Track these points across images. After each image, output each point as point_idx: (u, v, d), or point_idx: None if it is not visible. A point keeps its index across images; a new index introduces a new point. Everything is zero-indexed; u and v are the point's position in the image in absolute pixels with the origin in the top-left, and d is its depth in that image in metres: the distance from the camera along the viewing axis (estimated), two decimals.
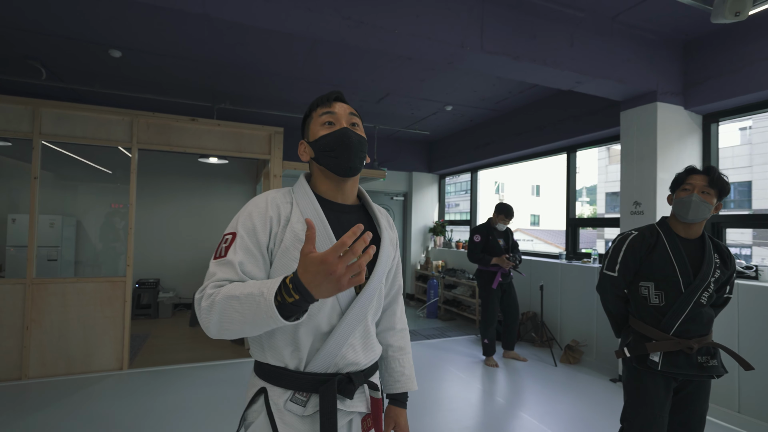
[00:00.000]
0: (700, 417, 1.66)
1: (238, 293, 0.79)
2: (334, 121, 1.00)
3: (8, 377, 3.21)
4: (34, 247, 3.31)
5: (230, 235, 0.91)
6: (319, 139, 0.99)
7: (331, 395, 0.90)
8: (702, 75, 3.17)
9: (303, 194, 0.99)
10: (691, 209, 1.61)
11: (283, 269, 0.91)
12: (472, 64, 2.86)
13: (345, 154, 0.97)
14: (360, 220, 1.04)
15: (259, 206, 0.95)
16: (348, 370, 0.95)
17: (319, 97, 1.03)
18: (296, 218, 0.95)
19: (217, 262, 0.89)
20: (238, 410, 2.81)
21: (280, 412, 0.90)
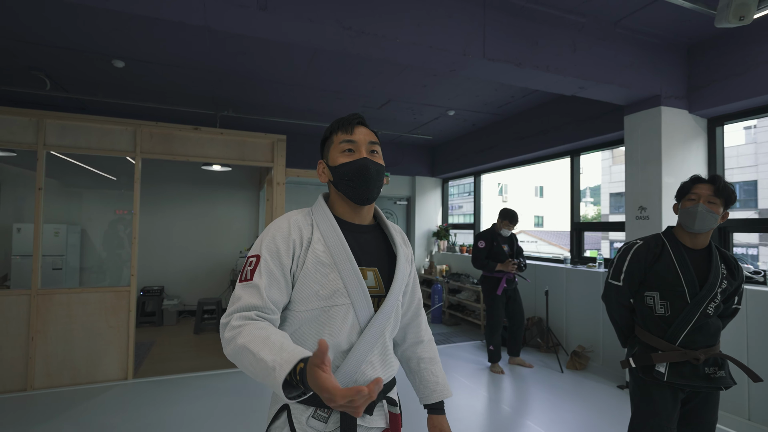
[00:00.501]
0: (709, 428, 1.64)
1: (255, 350, 0.79)
2: (354, 149, 1.02)
3: (14, 388, 3.22)
4: (39, 258, 3.32)
5: (254, 257, 0.94)
6: (339, 166, 1.01)
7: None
8: (706, 78, 3.15)
9: (323, 216, 1.01)
10: (697, 219, 1.59)
11: (305, 291, 0.95)
12: (474, 71, 2.85)
13: (363, 186, 1.00)
14: (376, 239, 1.07)
15: (282, 229, 0.97)
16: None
17: (339, 120, 1.05)
18: (317, 241, 0.97)
19: (243, 285, 0.92)
20: (242, 420, 2.80)
21: (303, 428, 0.93)
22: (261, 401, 3.13)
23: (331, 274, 0.95)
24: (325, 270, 0.95)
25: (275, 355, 0.77)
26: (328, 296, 0.94)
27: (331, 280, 0.94)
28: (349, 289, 0.95)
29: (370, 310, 0.97)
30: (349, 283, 0.95)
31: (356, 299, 0.95)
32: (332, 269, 0.95)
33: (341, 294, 0.95)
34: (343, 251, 0.96)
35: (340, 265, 0.95)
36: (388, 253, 1.06)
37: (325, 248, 0.96)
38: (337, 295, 0.94)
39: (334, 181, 1.03)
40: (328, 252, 0.96)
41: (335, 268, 0.95)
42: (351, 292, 0.95)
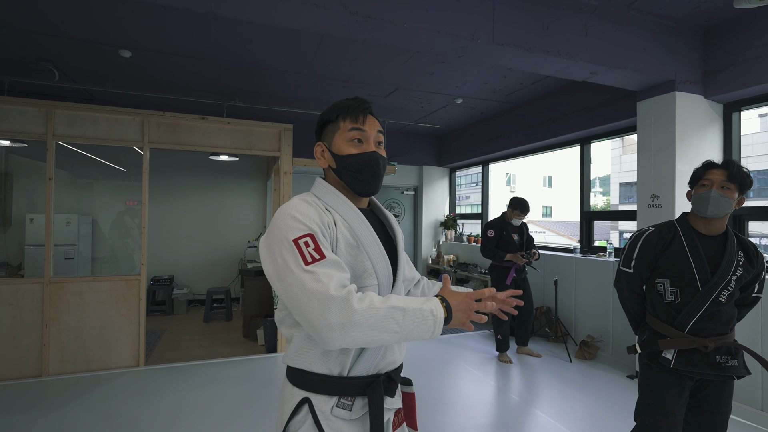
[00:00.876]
0: (722, 419, 1.61)
1: (402, 305, 0.84)
2: (363, 140, 0.99)
3: (29, 374, 3.29)
4: (51, 247, 3.36)
5: (308, 236, 0.85)
6: (346, 156, 0.98)
7: (379, 396, 0.93)
8: (723, 62, 3.06)
9: (338, 200, 0.99)
10: (710, 205, 1.55)
11: None
12: (483, 56, 2.79)
13: (370, 180, 0.99)
14: (374, 222, 1.06)
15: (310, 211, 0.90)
16: (387, 369, 0.98)
17: (348, 105, 0.99)
18: (341, 223, 0.96)
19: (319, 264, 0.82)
20: (251, 406, 2.84)
21: (328, 419, 0.91)
22: (269, 388, 3.16)
23: (360, 255, 0.95)
24: (354, 251, 0.94)
25: (421, 303, 0.86)
26: (358, 276, 0.94)
27: (360, 261, 0.94)
28: (377, 269, 0.95)
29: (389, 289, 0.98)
30: (377, 264, 0.95)
31: (383, 280, 0.96)
32: (360, 251, 0.95)
33: (370, 275, 0.95)
34: (369, 233, 0.96)
35: (367, 246, 0.95)
36: (385, 236, 1.07)
37: (350, 230, 0.96)
38: (366, 275, 0.95)
39: (336, 170, 1.00)
40: (354, 234, 0.95)
41: (362, 250, 0.95)
42: (379, 273, 0.96)
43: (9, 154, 5.16)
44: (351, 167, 0.98)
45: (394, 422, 1.02)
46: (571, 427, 2.61)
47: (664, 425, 1.57)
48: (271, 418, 2.68)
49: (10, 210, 5.16)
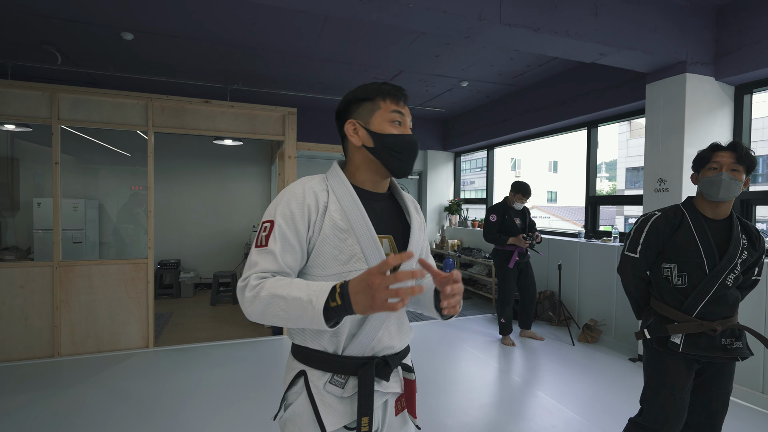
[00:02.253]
0: (723, 399, 1.63)
1: (284, 294, 0.82)
2: (403, 123, 1.02)
3: (42, 355, 3.37)
4: (59, 230, 3.40)
5: (268, 223, 0.93)
6: (388, 136, 0.99)
7: (370, 378, 0.93)
8: (736, 43, 2.98)
9: (338, 182, 0.99)
10: (722, 188, 1.53)
11: (324, 256, 0.94)
12: (489, 37, 2.74)
13: (408, 161, 1.01)
14: (390, 207, 1.06)
15: (297, 194, 0.95)
16: (384, 353, 0.98)
17: (387, 86, 1.01)
18: (334, 206, 0.96)
19: (259, 251, 0.91)
20: (257, 387, 2.90)
21: (320, 393, 0.94)
22: (275, 370, 3.22)
23: (349, 239, 0.94)
24: (343, 235, 0.94)
25: (307, 290, 0.81)
26: (345, 261, 0.94)
27: (349, 245, 0.94)
28: (366, 254, 0.94)
29: None
30: (366, 248, 0.94)
31: (374, 263, 0.95)
32: (349, 234, 0.94)
33: (358, 259, 0.94)
34: (360, 217, 0.95)
35: (357, 230, 0.94)
36: (402, 221, 1.06)
37: (342, 213, 0.95)
38: (354, 260, 0.94)
39: (374, 149, 0.99)
40: (345, 217, 0.95)
41: (352, 234, 0.94)
42: (368, 257, 0.94)
43: (15, 139, 5.18)
44: (392, 146, 0.99)
45: (396, 407, 1.03)
46: (572, 408, 2.65)
47: (673, 409, 1.58)
48: (277, 398, 2.74)
49: (17, 194, 5.21)
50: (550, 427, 2.43)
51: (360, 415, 0.91)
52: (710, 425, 1.63)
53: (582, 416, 2.56)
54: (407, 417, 1.05)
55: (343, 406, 0.94)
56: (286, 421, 0.98)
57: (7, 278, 3.29)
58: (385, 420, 1.01)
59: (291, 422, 0.96)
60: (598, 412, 2.61)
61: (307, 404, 0.94)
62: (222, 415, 2.51)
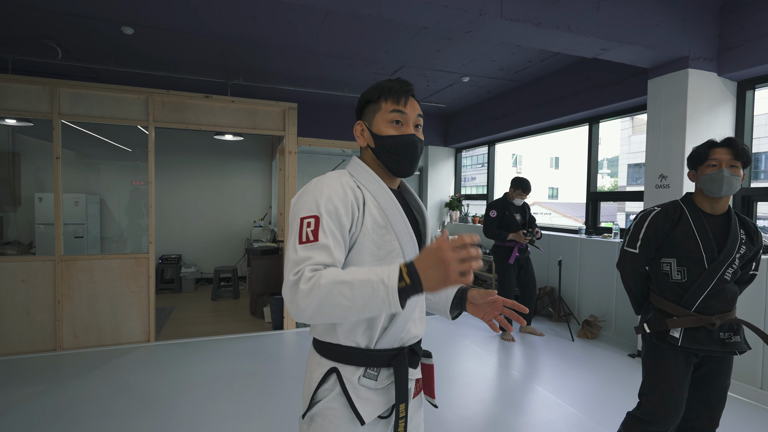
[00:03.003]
0: (721, 393, 1.64)
1: (349, 279, 0.79)
2: (403, 122, 1.01)
3: (45, 348, 3.40)
4: (61, 225, 3.42)
5: (312, 218, 0.89)
6: (385, 137, 1.00)
7: (404, 368, 0.97)
8: (739, 38, 2.96)
9: (370, 179, 1.01)
10: (724, 185, 1.55)
11: (363, 252, 0.94)
12: (491, 32, 2.73)
13: (407, 161, 1.01)
14: (402, 203, 1.08)
15: (337, 190, 0.93)
16: (410, 343, 1.02)
17: (390, 86, 1.00)
18: (371, 202, 0.97)
19: (308, 246, 0.86)
20: (258, 380, 2.92)
21: (355, 387, 0.96)
22: (276, 364, 3.24)
23: (387, 235, 0.96)
24: (381, 231, 0.96)
25: (374, 272, 0.79)
26: (383, 256, 0.96)
27: (387, 240, 0.96)
28: (404, 249, 0.97)
29: None
30: (404, 243, 0.97)
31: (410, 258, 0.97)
32: (387, 230, 0.97)
33: (397, 254, 0.97)
34: (398, 212, 0.98)
35: (395, 226, 0.97)
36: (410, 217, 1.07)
37: (380, 209, 0.97)
38: (392, 255, 0.96)
39: (375, 149, 1.02)
40: (383, 213, 0.97)
41: (390, 229, 0.97)
42: (406, 252, 0.97)
43: (16, 134, 5.18)
44: (390, 148, 1.00)
45: (415, 390, 1.07)
46: (571, 403, 2.67)
47: (671, 403, 1.59)
48: (279, 391, 2.76)
49: (18, 189, 5.22)
50: (549, 422, 2.45)
51: (398, 402, 0.95)
52: (708, 419, 1.65)
53: (580, 411, 2.57)
54: (423, 399, 1.12)
55: (377, 397, 0.97)
56: (314, 416, 0.97)
57: (9, 272, 3.30)
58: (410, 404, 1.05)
59: (321, 416, 0.96)
60: (597, 407, 2.62)
61: (341, 399, 0.95)
62: (223, 408, 2.53)
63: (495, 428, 2.38)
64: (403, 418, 0.95)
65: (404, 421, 0.95)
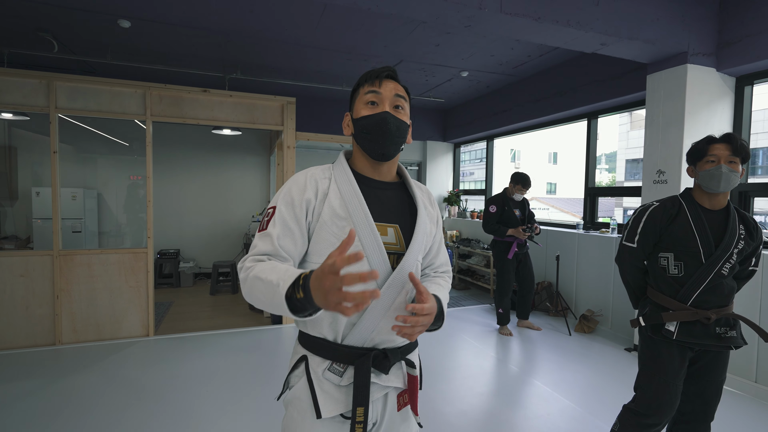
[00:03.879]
0: (717, 387, 1.66)
1: (263, 276, 0.84)
2: (378, 101, 0.99)
3: (44, 343, 3.40)
4: (59, 219, 3.41)
5: (271, 209, 0.97)
6: (360, 118, 1.00)
7: (366, 369, 0.92)
8: (739, 33, 2.96)
9: (341, 171, 1.00)
10: (722, 180, 1.55)
11: (322, 243, 0.95)
12: (490, 26, 2.72)
13: (380, 140, 0.98)
14: (400, 196, 1.05)
15: (299, 182, 0.98)
16: (384, 346, 0.97)
17: (369, 72, 1.02)
18: (334, 194, 0.97)
19: (260, 235, 0.95)
20: (256, 375, 2.93)
21: (319, 379, 0.95)
22: (274, 358, 3.26)
23: (348, 227, 0.94)
24: (341, 223, 0.95)
25: (282, 275, 0.81)
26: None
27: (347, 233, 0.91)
28: (363, 243, 0.93)
29: (387, 266, 0.95)
30: (364, 236, 0.94)
31: (371, 253, 0.94)
32: (348, 222, 0.95)
33: (356, 248, 0.93)
34: (358, 204, 0.95)
35: (355, 218, 0.94)
36: (412, 212, 1.05)
37: (342, 201, 0.96)
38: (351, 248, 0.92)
39: (354, 135, 1.03)
40: (344, 205, 0.95)
41: (351, 221, 0.94)
42: (366, 246, 0.93)
43: (12, 128, 5.15)
44: (363, 128, 0.99)
45: (399, 402, 1.02)
46: (568, 397, 2.69)
47: (666, 395, 1.61)
48: (277, 385, 2.77)
49: (16, 184, 5.19)
50: (546, 415, 2.47)
51: (355, 405, 0.90)
52: (703, 413, 1.66)
53: (577, 404, 2.60)
54: (410, 413, 1.04)
55: (340, 394, 0.95)
56: (287, 404, 1.00)
57: (7, 267, 3.30)
58: (385, 414, 1.00)
59: (291, 405, 0.99)
60: (594, 401, 2.65)
61: (306, 389, 0.95)
62: (222, 403, 2.54)
63: (492, 421, 2.40)
64: (361, 423, 0.90)
65: (362, 427, 0.90)
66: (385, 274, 0.95)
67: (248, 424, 2.32)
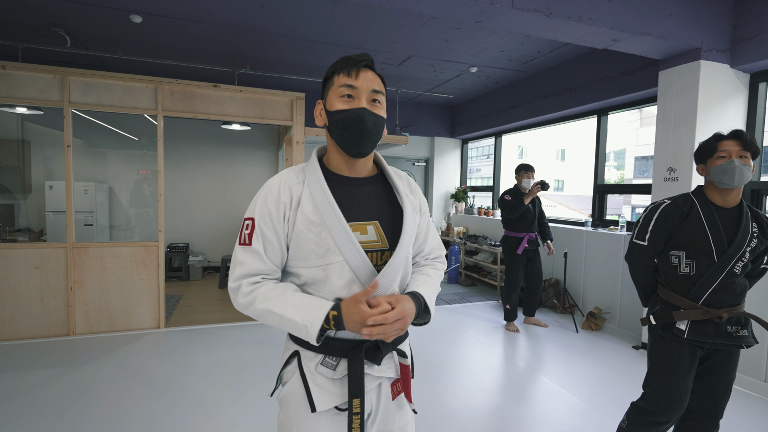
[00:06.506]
0: (726, 386, 1.65)
1: (279, 311, 0.89)
2: (354, 96, 0.94)
3: (58, 333, 3.47)
4: (72, 212, 3.46)
5: (250, 220, 0.96)
6: (335, 112, 0.95)
7: (359, 361, 0.93)
8: (754, 29, 2.92)
9: (312, 173, 0.97)
10: (735, 174, 1.53)
11: (302, 250, 0.94)
12: (501, 22, 2.71)
13: (356, 138, 0.94)
14: (377, 191, 1.02)
15: (273, 190, 0.96)
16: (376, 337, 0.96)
17: (344, 59, 0.96)
18: (306, 199, 0.95)
19: (244, 249, 0.95)
20: (264, 367, 2.97)
21: (312, 374, 0.96)
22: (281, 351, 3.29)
23: (323, 232, 0.92)
24: (317, 229, 0.93)
25: (302, 314, 0.88)
26: (323, 254, 0.93)
27: (323, 238, 0.92)
28: (340, 246, 0.92)
29: (368, 265, 0.93)
30: (339, 240, 0.92)
31: (349, 256, 0.92)
32: (323, 227, 0.92)
33: (334, 252, 0.92)
34: (330, 208, 0.92)
35: (328, 222, 0.92)
36: (393, 204, 1.02)
37: (314, 206, 0.93)
38: (330, 253, 0.92)
39: (328, 127, 0.98)
40: (317, 210, 0.93)
41: (325, 227, 0.92)
42: (342, 249, 0.92)
43: (25, 122, 5.22)
44: (338, 123, 0.94)
45: (393, 391, 1.02)
46: (575, 393, 2.70)
47: (675, 394, 1.61)
48: None
49: (29, 177, 5.27)
50: (553, 410, 2.48)
51: (351, 396, 0.92)
52: (712, 411, 1.66)
53: (584, 401, 2.60)
54: (404, 401, 1.05)
55: (334, 387, 0.95)
56: (281, 399, 1.01)
57: (23, 259, 3.37)
58: (380, 403, 1.01)
59: (286, 401, 0.99)
60: (600, 397, 2.65)
61: (299, 384, 0.96)
62: (231, 393, 2.58)
63: (499, 417, 2.42)
64: (357, 414, 0.91)
65: (359, 418, 0.91)
66: (367, 272, 0.93)
67: (257, 413, 2.36)
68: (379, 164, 1.08)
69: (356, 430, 0.91)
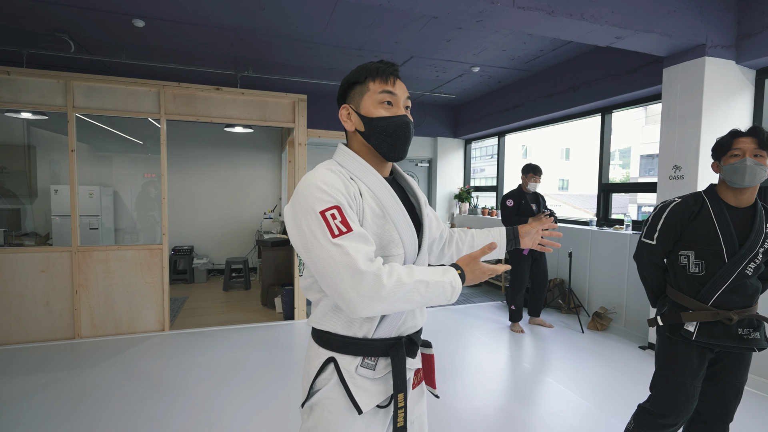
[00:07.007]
0: (737, 389, 1.61)
1: (426, 279, 0.88)
2: (394, 103, 0.97)
3: (64, 336, 3.49)
4: (77, 216, 3.48)
5: (334, 209, 0.85)
6: (377, 119, 0.96)
7: (402, 357, 0.97)
8: (759, 24, 2.89)
9: (363, 169, 0.97)
10: (747, 174, 1.49)
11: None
12: (502, 21, 2.70)
13: (401, 144, 0.98)
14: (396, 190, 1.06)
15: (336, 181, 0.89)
16: (408, 332, 1.02)
17: (376, 67, 0.97)
18: (366, 192, 0.95)
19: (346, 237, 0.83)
20: (269, 369, 2.97)
21: (352, 377, 0.95)
22: (287, 353, 3.29)
23: (386, 225, 0.95)
24: (380, 221, 0.95)
25: (440, 276, 0.90)
26: (384, 246, 0.94)
27: (387, 230, 0.95)
28: (404, 239, 0.96)
29: (415, 256, 1.00)
30: (403, 232, 0.96)
31: (409, 249, 0.97)
32: (386, 220, 0.95)
33: (397, 244, 0.96)
34: (395, 202, 0.96)
35: (394, 216, 0.95)
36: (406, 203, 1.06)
37: (376, 199, 0.95)
38: (392, 245, 0.95)
39: (365, 133, 0.98)
40: (380, 203, 0.95)
41: (389, 219, 0.95)
42: (405, 241, 0.96)
43: (30, 127, 5.27)
44: (382, 130, 0.96)
45: (414, 381, 1.07)
46: (581, 394, 2.67)
47: (683, 397, 1.58)
48: (290, 379, 2.81)
49: (35, 182, 5.32)
50: (559, 412, 2.46)
51: (396, 392, 0.94)
52: (722, 414, 1.62)
53: (590, 402, 2.58)
54: (424, 389, 1.11)
55: (375, 386, 0.97)
56: (313, 405, 0.98)
57: (29, 263, 3.39)
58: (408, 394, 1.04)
59: (320, 406, 0.96)
60: (607, 398, 2.62)
61: (338, 388, 0.95)
62: (235, 396, 2.58)
63: (504, 418, 2.40)
64: (402, 408, 0.94)
65: (403, 411, 0.94)
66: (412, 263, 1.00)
67: (262, 416, 2.35)
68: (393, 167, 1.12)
69: (401, 423, 0.95)
